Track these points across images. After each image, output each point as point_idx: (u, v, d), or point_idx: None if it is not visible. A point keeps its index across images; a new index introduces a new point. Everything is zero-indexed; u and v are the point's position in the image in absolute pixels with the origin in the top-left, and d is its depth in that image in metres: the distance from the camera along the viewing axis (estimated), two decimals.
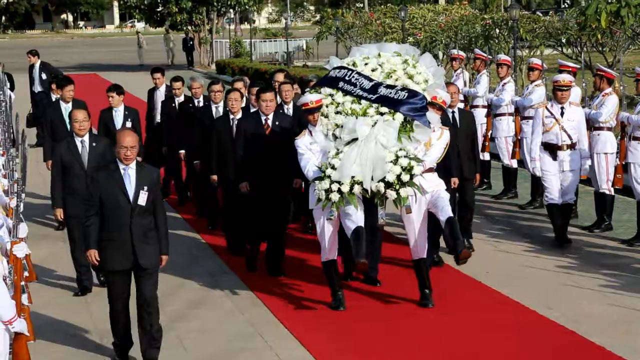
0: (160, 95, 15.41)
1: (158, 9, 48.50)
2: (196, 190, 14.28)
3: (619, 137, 12.21)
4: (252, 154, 10.78)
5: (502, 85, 14.73)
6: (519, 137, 14.19)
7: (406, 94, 9.62)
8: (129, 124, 13.36)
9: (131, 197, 8.19)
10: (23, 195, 8.10)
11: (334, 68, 10.17)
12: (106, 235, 8.26)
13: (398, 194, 9.30)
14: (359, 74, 9.92)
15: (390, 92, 9.67)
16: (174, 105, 14.49)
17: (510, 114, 14.54)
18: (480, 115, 14.77)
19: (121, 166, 8.22)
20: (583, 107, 13.45)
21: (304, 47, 45.36)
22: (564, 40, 27.55)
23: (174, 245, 9.39)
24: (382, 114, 9.60)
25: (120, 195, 8.18)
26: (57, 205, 10.40)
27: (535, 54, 26.12)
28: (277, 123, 10.86)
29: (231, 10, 51.59)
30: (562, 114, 11.95)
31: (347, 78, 9.92)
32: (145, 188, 8.21)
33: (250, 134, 10.81)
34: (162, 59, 49.74)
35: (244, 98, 12.67)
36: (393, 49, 10.22)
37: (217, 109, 13.05)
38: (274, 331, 9.27)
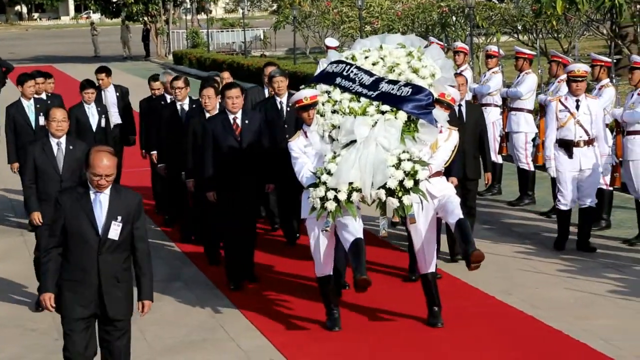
0: (111, 96, 14.37)
1: (114, 0, 48.19)
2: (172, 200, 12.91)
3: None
4: (223, 157, 10.11)
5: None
6: None
7: (410, 90, 8.71)
8: (103, 122, 12.91)
9: (100, 229, 6.73)
10: None
11: (331, 62, 9.29)
12: (68, 274, 6.81)
13: (401, 202, 8.37)
14: (358, 68, 9.06)
15: (393, 88, 8.78)
16: (163, 103, 12.91)
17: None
18: None
19: (91, 190, 6.76)
20: (539, 93, 13.57)
21: (262, 36, 45.27)
22: (519, 27, 27.77)
23: None
24: (383, 112, 8.69)
25: (87, 226, 6.72)
26: (34, 209, 9.49)
27: (492, 41, 26.28)
28: (246, 122, 10.19)
29: (188, 1, 51.38)
30: (577, 107, 11.03)
31: (345, 73, 9.05)
32: (120, 218, 6.76)
33: (220, 136, 10.12)
34: (119, 51, 49.48)
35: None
36: (397, 40, 9.30)
37: (182, 107, 12.11)
38: (236, 322, 9.26)
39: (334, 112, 8.87)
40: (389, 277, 10.40)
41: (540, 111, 13.16)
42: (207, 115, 10.30)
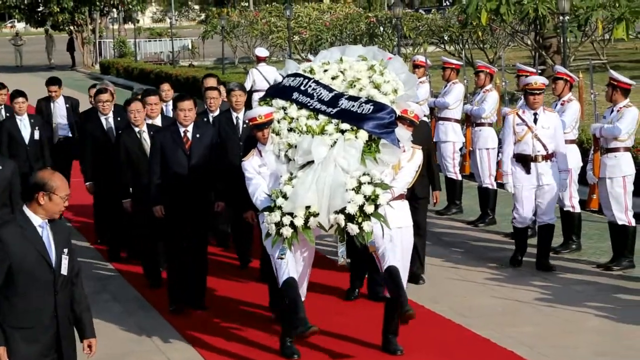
0: (61, 108, 14.04)
1: (39, 9, 47.65)
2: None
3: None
4: (170, 171, 9.64)
5: None
6: None
7: (371, 108, 8.21)
8: (37, 134, 12.45)
9: (54, 264, 5.95)
10: None
11: (288, 75, 8.73)
12: (16, 321, 5.91)
13: (361, 228, 7.86)
14: (316, 82, 8.53)
15: (353, 105, 8.26)
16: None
17: None
18: None
19: (36, 222, 5.92)
20: (465, 103, 13.73)
21: (190, 46, 45.17)
22: (446, 38, 28.15)
23: None
24: (342, 131, 8.17)
25: (40, 263, 5.89)
26: None
27: (419, 52, 26.55)
28: (197, 136, 9.73)
29: (114, 10, 51.01)
30: (535, 120, 10.63)
31: (302, 88, 8.50)
32: (66, 251, 6.02)
33: (169, 149, 9.65)
34: (43, 60, 48.91)
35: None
36: (358, 52, 8.79)
37: (107, 120, 11.64)
38: (164, 334, 9.19)
39: (290, 130, 8.33)
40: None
41: (466, 121, 13.32)
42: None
